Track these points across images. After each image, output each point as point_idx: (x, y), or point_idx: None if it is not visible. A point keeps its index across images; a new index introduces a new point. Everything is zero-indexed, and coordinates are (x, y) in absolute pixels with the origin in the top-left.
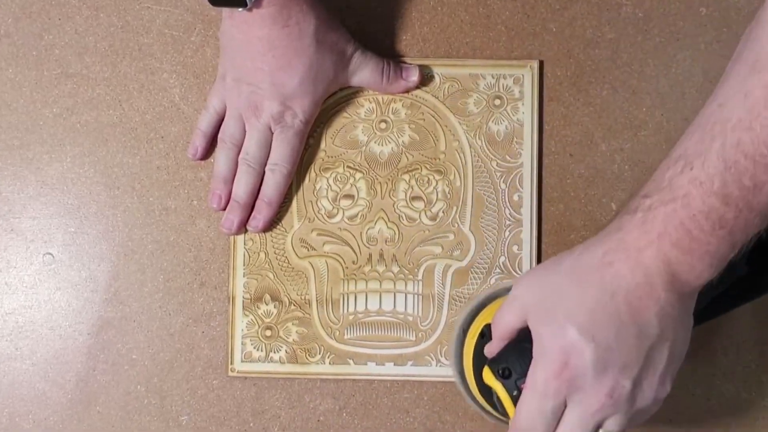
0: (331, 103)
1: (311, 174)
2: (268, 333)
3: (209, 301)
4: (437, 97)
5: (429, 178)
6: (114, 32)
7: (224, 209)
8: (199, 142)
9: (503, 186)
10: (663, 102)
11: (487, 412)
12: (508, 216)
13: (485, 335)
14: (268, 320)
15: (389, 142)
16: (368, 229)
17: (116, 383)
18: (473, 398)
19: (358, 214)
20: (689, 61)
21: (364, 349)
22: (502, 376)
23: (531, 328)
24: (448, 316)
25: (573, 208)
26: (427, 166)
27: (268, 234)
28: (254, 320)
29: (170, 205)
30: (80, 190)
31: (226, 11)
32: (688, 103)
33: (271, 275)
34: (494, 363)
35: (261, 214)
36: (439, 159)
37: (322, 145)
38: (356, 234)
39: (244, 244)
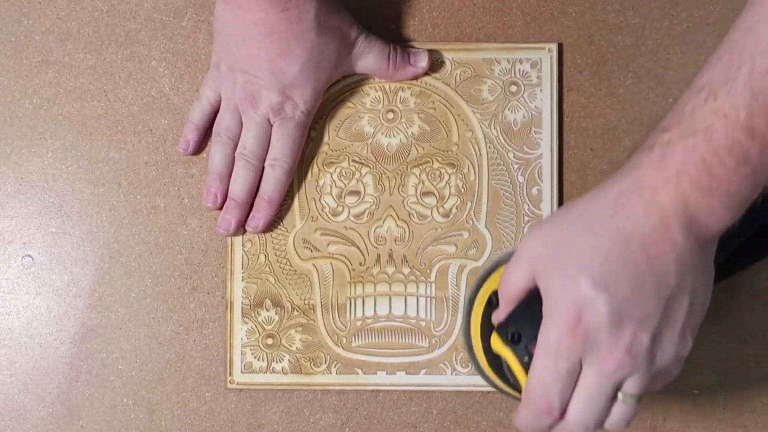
0: (334, 93)
1: (314, 169)
2: (270, 341)
3: (201, 307)
4: (449, 85)
5: (441, 172)
6: (99, 17)
7: (220, 208)
8: (190, 136)
9: (521, 179)
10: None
11: (500, 389)
12: (527, 212)
13: (493, 303)
14: (269, 328)
15: (397, 133)
16: (376, 227)
17: (101, 396)
18: (484, 374)
19: (365, 211)
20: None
21: (373, 358)
22: (512, 341)
23: (539, 283)
24: None
25: None
26: (439, 159)
27: (268, 234)
28: (254, 328)
29: (159, 204)
30: (62, 187)
31: None
32: None
33: (271, 279)
34: (502, 328)
35: (260, 213)
36: (452, 151)
37: (325, 138)
38: (363, 233)
39: (243, 245)
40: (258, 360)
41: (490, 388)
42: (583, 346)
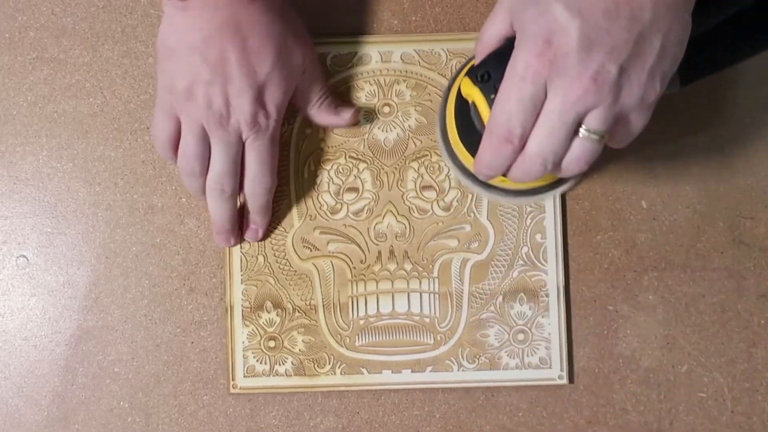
0: (329, 88)
1: (310, 167)
2: (272, 344)
3: (199, 309)
4: (445, 76)
5: (440, 165)
6: (95, 13)
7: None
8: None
9: None
10: (701, 87)
11: (472, 178)
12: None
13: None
14: (270, 330)
15: (394, 127)
16: (376, 224)
17: (97, 399)
18: (455, 160)
19: (364, 208)
20: None
21: (378, 357)
22: (481, 80)
23: (515, 24)
24: (469, 315)
25: (599, 206)
26: (437, 152)
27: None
28: (255, 331)
29: (156, 203)
30: (57, 186)
31: (173, 9)
32: (727, 88)
33: (271, 280)
34: (473, 71)
35: (256, 223)
36: None
37: (321, 135)
38: (363, 230)
39: (241, 247)
40: (261, 363)
41: (496, 383)
42: (550, 70)
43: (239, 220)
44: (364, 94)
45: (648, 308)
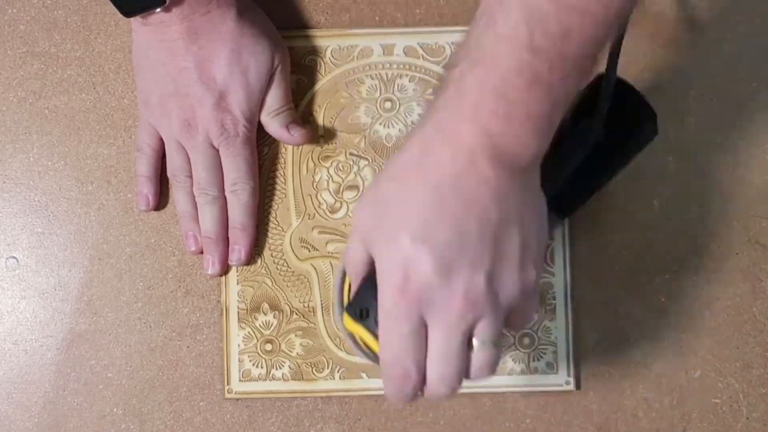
0: (327, 83)
1: (309, 164)
2: (269, 347)
3: (195, 312)
4: None
5: None
6: (87, 5)
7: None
8: (146, 190)
9: None
10: (713, 83)
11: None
12: None
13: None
14: (267, 333)
15: (396, 123)
16: None
17: (89, 405)
18: (364, 351)
19: None
20: (743, 37)
21: None
22: (361, 317)
23: (372, 253)
24: None
25: (610, 206)
26: None
27: (263, 235)
28: (252, 333)
29: None
30: (48, 185)
31: (137, 24)
32: (742, 85)
33: (268, 281)
34: (351, 307)
35: (239, 243)
36: None
37: (320, 131)
38: None
39: None
40: (257, 367)
41: (501, 388)
42: (419, 304)
43: (226, 245)
44: (365, 88)
45: (660, 311)
